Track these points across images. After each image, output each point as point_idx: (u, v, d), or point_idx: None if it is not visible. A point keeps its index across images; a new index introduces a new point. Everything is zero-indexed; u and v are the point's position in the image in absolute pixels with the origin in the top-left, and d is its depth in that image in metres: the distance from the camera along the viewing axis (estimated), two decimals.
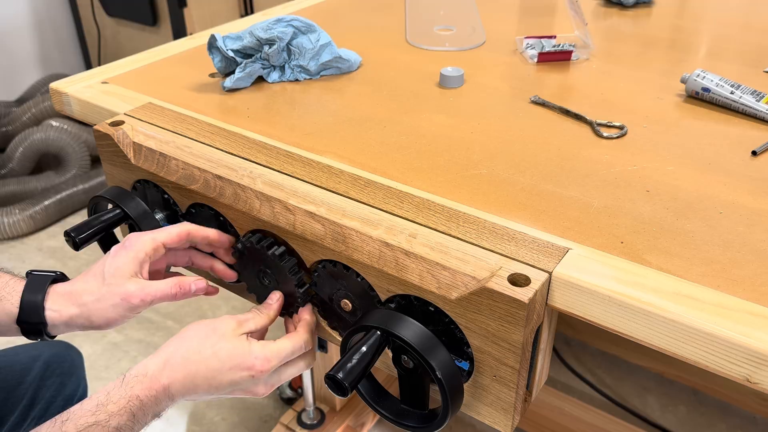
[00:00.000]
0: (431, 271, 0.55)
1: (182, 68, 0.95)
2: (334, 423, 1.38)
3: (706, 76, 0.81)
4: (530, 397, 0.62)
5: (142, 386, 0.59)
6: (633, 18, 1.16)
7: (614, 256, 0.55)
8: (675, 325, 0.49)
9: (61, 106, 0.90)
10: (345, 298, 0.64)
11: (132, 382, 0.59)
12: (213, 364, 0.60)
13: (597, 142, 0.73)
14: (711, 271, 0.53)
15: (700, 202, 0.62)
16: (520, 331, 0.52)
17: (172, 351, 0.61)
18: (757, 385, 0.47)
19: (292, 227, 0.63)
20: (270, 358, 0.62)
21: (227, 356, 0.61)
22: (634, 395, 1.51)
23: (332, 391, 0.56)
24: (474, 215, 0.60)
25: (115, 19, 2.47)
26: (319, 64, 0.90)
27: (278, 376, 0.64)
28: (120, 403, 0.57)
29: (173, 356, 0.61)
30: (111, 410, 0.57)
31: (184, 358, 0.60)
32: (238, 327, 0.63)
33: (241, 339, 0.62)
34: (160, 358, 0.61)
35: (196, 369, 0.60)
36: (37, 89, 2.43)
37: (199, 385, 0.60)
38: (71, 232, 0.69)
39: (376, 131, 0.77)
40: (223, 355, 0.61)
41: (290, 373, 0.65)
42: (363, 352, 0.56)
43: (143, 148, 0.73)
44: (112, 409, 0.57)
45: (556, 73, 0.92)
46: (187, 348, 0.61)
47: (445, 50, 1.01)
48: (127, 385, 0.59)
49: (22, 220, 2.04)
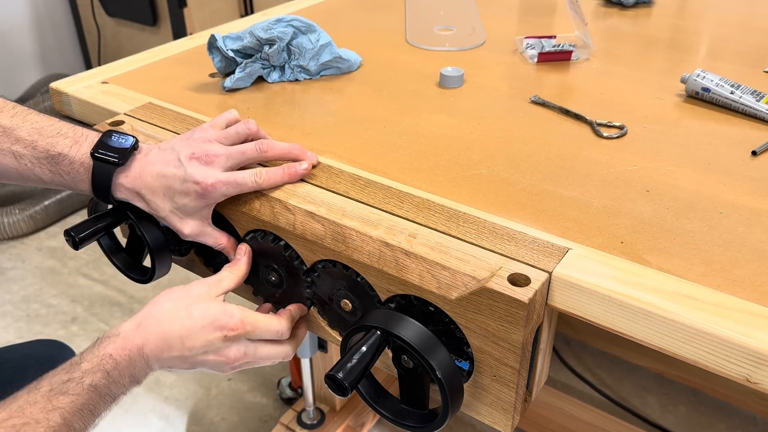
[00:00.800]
0: (431, 271, 0.55)
1: (182, 68, 0.95)
2: (334, 423, 1.38)
3: (706, 76, 0.81)
4: (530, 397, 0.62)
5: (114, 346, 0.59)
6: (633, 18, 1.16)
7: (614, 256, 0.55)
8: (675, 325, 0.49)
9: (61, 106, 0.90)
10: (345, 298, 0.64)
11: (105, 342, 0.59)
12: (187, 323, 0.60)
13: (597, 142, 0.73)
14: (711, 271, 0.53)
15: (700, 202, 0.62)
16: (520, 331, 0.52)
17: (146, 314, 0.61)
18: (757, 385, 0.47)
19: (292, 227, 0.63)
20: (245, 321, 0.61)
21: (200, 315, 0.61)
22: (634, 395, 1.51)
23: (332, 391, 0.56)
24: (474, 215, 0.60)
25: (115, 19, 2.47)
26: (319, 64, 0.90)
27: (253, 349, 0.63)
28: (93, 362, 0.57)
29: (147, 318, 0.61)
30: (84, 368, 0.57)
31: (157, 319, 0.60)
32: (211, 288, 0.63)
33: (217, 300, 0.62)
34: (133, 321, 0.61)
35: (169, 328, 0.60)
36: (37, 89, 2.43)
37: (172, 346, 0.60)
38: (71, 231, 0.69)
39: (376, 131, 0.77)
40: (196, 314, 0.61)
41: (264, 352, 0.64)
42: (363, 352, 0.56)
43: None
44: (85, 367, 0.57)
45: (556, 73, 0.92)
46: (160, 309, 0.61)
47: (445, 50, 1.01)
48: (100, 346, 0.59)
49: (22, 220, 2.04)
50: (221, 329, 0.60)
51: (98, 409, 0.57)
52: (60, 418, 0.54)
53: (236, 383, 1.57)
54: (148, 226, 0.70)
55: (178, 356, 0.60)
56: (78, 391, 0.56)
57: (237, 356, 0.62)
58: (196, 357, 0.61)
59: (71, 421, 0.55)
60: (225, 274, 0.66)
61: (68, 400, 0.55)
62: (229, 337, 0.61)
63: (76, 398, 0.56)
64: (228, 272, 0.66)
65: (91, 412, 0.57)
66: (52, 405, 0.54)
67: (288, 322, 0.66)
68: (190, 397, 1.54)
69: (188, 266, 0.79)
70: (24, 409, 0.54)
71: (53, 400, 0.55)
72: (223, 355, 0.62)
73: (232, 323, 0.61)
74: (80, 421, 0.56)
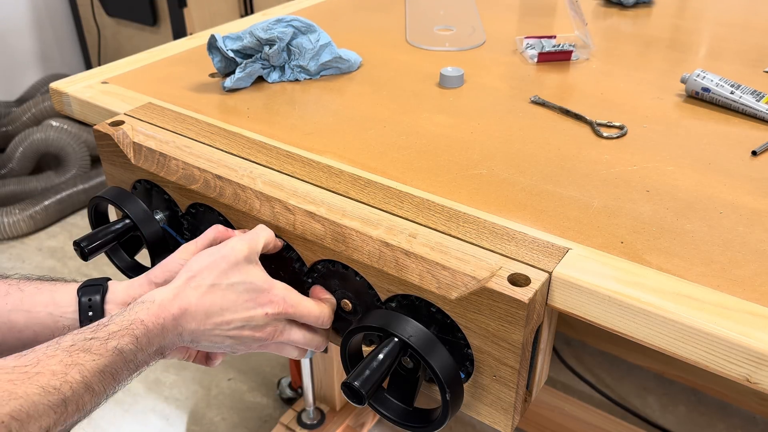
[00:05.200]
0: (431, 271, 0.55)
1: (182, 68, 0.95)
2: (334, 423, 1.38)
3: (706, 76, 0.81)
4: (530, 397, 0.62)
5: (148, 312, 0.55)
6: (633, 18, 1.16)
7: (614, 256, 0.55)
8: (675, 325, 0.49)
9: (61, 106, 0.90)
10: (345, 298, 0.64)
11: (137, 308, 0.56)
12: (229, 295, 0.58)
13: (597, 142, 0.73)
14: (711, 271, 0.53)
15: (700, 202, 0.62)
16: (520, 331, 0.52)
17: (184, 281, 0.58)
18: (757, 385, 0.47)
19: (292, 227, 0.63)
20: (287, 301, 0.59)
21: (244, 288, 0.58)
22: (634, 395, 1.51)
23: (348, 399, 0.55)
24: (474, 215, 0.60)
25: (115, 19, 2.47)
26: (319, 64, 0.90)
27: (289, 330, 0.61)
28: (122, 324, 0.54)
29: (185, 287, 0.58)
30: (111, 329, 0.53)
31: (197, 288, 0.57)
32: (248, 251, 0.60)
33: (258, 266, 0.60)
34: (170, 289, 0.58)
35: (211, 300, 0.57)
36: (37, 89, 2.43)
37: (211, 317, 0.57)
38: (80, 242, 0.68)
39: (376, 131, 0.77)
40: (240, 287, 0.58)
41: (297, 336, 0.62)
42: (380, 360, 0.55)
43: (143, 148, 0.73)
44: (112, 329, 0.53)
45: (556, 73, 0.92)
46: (199, 277, 0.58)
47: (445, 50, 1.01)
48: (132, 311, 0.55)
49: (22, 220, 2.04)
50: (264, 305, 0.58)
51: (120, 375, 0.53)
52: (79, 375, 0.50)
53: (236, 383, 1.57)
54: (149, 226, 0.70)
55: (213, 328, 0.58)
56: (101, 351, 0.52)
57: (271, 333, 0.60)
58: (231, 331, 0.58)
59: (91, 381, 0.50)
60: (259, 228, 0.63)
61: (90, 358, 0.51)
62: (270, 314, 0.59)
63: (99, 358, 0.51)
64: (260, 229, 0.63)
65: (113, 376, 0.52)
66: (72, 360, 0.50)
67: (330, 309, 0.64)
68: (190, 397, 1.54)
69: None
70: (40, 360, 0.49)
71: (74, 356, 0.50)
72: (261, 330, 0.59)
73: (277, 300, 0.59)
74: (100, 384, 0.51)
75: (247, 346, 0.61)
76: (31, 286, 0.64)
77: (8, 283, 0.64)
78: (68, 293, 0.63)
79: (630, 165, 0.69)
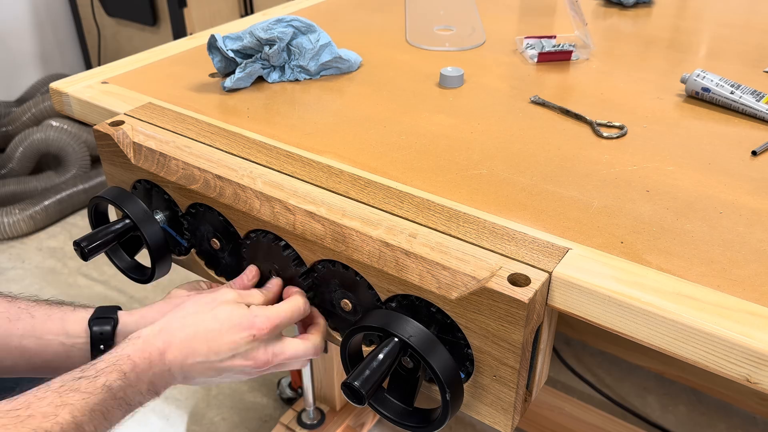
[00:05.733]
0: (431, 271, 0.55)
1: (182, 68, 0.95)
2: (334, 423, 1.38)
3: (706, 76, 0.81)
4: (530, 397, 0.62)
5: (134, 347, 0.56)
6: (633, 18, 1.16)
7: (614, 256, 0.55)
8: (675, 325, 0.49)
9: (61, 106, 0.90)
10: (345, 298, 0.64)
11: (125, 344, 0.57)
12: (212, 325, 0.58)
13: (597, 142, 0.73)
14: (711, 271, 0.53)
15: (700, 202, 0.62)
16: (520, 331, 0.52)
17: (169, 318, 0.59)
18: (757, 385, 0.47)
19: (292, 227, 0.63)
20: (270, 317, 0.60)
21: (226, 317, 0.59)
22: (634, 395, 1.51)
23: (348, 399, 0.55)
24: (474, 215, 0.60)
25: (115, 19, 2.47)
26: (319, 65, 0.90)
27: (281, 348, 0.61)
28: (109, 361, 0.55)
29: (170, 322, 0.58)
30: (99, 367, 0.54)
31: (181, 322, 0.58)
32: (238, 297, 0.62)
33: (240, 305, 0.61)
34: (155, 326, 0.59)
35: (194, 331, 0.58)
36: (37, 89, 2.43)
37: (197, 350, 0.57)
38: (80, 242, 0.68)
39: (376, 131, 0.77)
40: (222, 316, 0.59)
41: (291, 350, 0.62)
42: (380, 360, 0.55)
43: (143, 148, 0.73)
44: (100, 366, 0.54)
45: (556, 73, 0.92)
46: (184, 314, 0.59)
47: (445, 50, 1.01)
48: (120, 347, 0.56)
49: (22, 220, 2.04)
50: (248, 329, 0.59)
51: (111, 414, 0.54)
52: (69, 415, 0.50)
53: (236, 383, 1.57)
54: (149, 226, 0.70)
55: (203, 361, 0.58)
56: (90, 389, 0.52)
57: (266, 359, 0.60)
58: (222, 362, 0.59)
59: (81, 421, 0.51)
60: (254, 291, 0.65)
61: (79, 397, 0.51)
62: (257, 337, 0.59)
63: (88, 397, 0.52)
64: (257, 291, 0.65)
65: (104, 415, 0.53)
66: (62, 401, 0.51)
67: (302, 297, 0.64)
68: (190, 397, 1.54)
69: (188, 266, 0.79)
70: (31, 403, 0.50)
71: (64, 396, 0.51)
72: (252, 357, 0.60)
73: (259, 322, 0.59)
74: (91, 423, 0.52)
75: (247, 374, 0.61)
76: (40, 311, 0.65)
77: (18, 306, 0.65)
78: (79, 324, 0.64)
79: (630, 165, 0.69)
